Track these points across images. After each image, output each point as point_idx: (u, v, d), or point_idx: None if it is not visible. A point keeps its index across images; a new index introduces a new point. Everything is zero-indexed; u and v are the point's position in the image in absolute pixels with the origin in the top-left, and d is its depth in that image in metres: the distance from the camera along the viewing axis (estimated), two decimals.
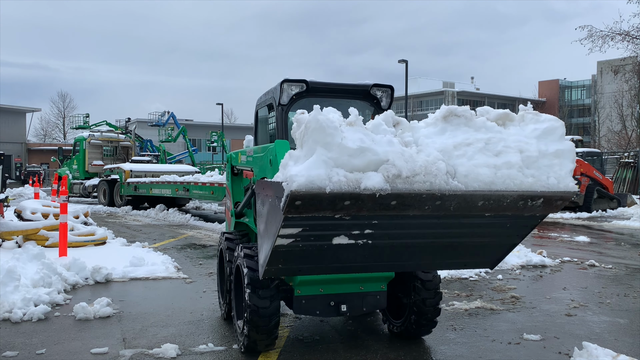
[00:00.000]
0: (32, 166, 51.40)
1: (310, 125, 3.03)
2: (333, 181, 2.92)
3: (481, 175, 3.24)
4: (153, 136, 39.05)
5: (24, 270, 6.64)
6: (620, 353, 4.35)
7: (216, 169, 23.54)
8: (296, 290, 4.34)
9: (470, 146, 3.35)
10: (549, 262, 8.88)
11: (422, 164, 3.14)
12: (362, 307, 4.49)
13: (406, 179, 3.06)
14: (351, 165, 3.01)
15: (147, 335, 5.06)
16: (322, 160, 2.94)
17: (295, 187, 2.85)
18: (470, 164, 3.27)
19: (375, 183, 3.00)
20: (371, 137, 3.17)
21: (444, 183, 3.14)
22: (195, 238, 12.24)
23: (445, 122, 3.50)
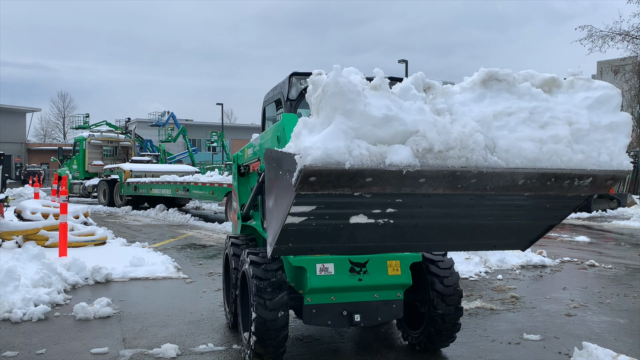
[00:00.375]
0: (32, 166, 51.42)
1: (328, 89, 2.64)
2: (354, 155, 2.56)
3: (524, 151, 2.85)
4: (153, 136, 39.06)
5: (24, 270, 6.64)
6: (620, 353, 4.35)
7: (216, 169, 23.57)
8: (306, 299, 4.06)
9: (512, 116, 2.95)
10: (549, 262, 8.89)
11: (457, 136, 2.74)
12: (377, 317, 4.19)
13: (438, 154, 2.68)
14: (375, 136, 2.64)
15: (147, 335, 5.06)
16: (342, 130, 2.58)
17: (310, 162, 2.50)
18: (512, 137, 2.88)
19: (402, 158, 2.63)
20: (399, 104, 2.78)
21: (482, 159, 2.76)
22: (195, 238, 12.24)
23: (484, 87, 3.10)
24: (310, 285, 3.96)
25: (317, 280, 3.98)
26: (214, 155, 44.35)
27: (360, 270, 4.07)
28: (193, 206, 21.13)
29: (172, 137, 36.24)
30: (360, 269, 4.07)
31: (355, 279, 4.04)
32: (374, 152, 2.61)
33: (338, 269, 4.02)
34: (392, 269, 4.16)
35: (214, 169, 24.62)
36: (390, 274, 4.15)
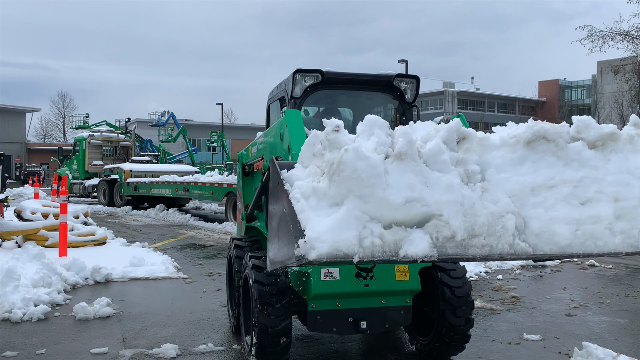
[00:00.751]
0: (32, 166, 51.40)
1: (343, 171, 2.35)
2: (364, 246, 2.29)
3: (557, 236, 2.50)
4: (153, 136, 39.05)
5: (24, 270, 6.64)
6: (620, 353, 4.35)
7: (216, 169, 23.56)
8: (310, 305, 3.88)
9: (553, 190, 2.58)
10: (549, 262, 8.88)
11: (484, 220, 2.41)
12: (384, 323, 4.02)
13: (460, 242, 2.38)
14: (391, 218, 2.37)
15: (147, 335, 5.06)
16: (355, 217, 2.31)
17: (315, 257, 2.26)
18: (547, 218, 2.52)
19: (419, 250, 2.31)
20: (425, 178, 2.44)
21: (508, 247, 2.44)
22: (195, 238, 12.24)
23: (528, 149, 2.70)
24: (314, 290, 3.80)
25: (321, 285, 3.81)
26: (214, 155, 44.33)
27: (367, 275, 3.89)
28: (193, 206, 21.13)
29: (172, 137, 36.23)
30: (367, 274, 3.90)
31: (362, 285, 3.87)
32: (387, 242, 2.32)
33: (343, 274, 3.86)
34: (400, 274, 3.99)
35: (214, 169, 24.61)
36: (398, 279, 3.97)
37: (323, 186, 2.47)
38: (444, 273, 4.23)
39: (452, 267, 4.25)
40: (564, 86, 75.11)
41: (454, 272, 4.24)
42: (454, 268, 4.25)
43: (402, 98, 4.51)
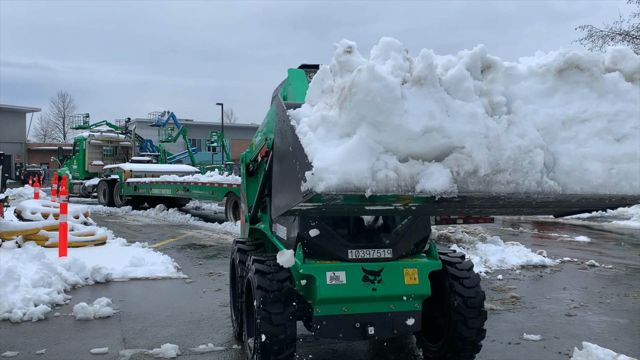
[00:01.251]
0: (32, 166, 51.40)
1: (356, 93, 2.12)
2: (378, 179, 2.10)
3: (589, 174, 2.29)
4: (153, 136, 39.06)
5: (24, 270, 6.64)
6: (620, 353, 4.35)
7: (216, 169, 23.56)
8: (315, 310, 3.73)
9: (585, 124, 2.36)
10: (549, 262, 8.88)
11: (510, 154, 2.21)
12: (392, 329, 3.83)
13: (483, 178, 2.18)
14: (408, 150, 2.16)
15: (147, 335, 5.06)
16: (367, 147, 2.11)
17: (323, 189, 2.09)
18: (578, 154, 2.31)
19: (438, 185, 2.12)
20: (445, 105, 2.23)
21: (535, 184, 2.24)
22: (195, 238, 12.24)
23: (558, 78, 2.45)
24: (320, 295, 3.64)
25: (327, 289, 3.65)
26: (214, 155, 44.33)
27: (375, 279, 3.74)
28: (193, 206, 21.13)
29: (172, 137, 36.25)
30: (375, 277, 3.74)
31: (369, 289, 3.71)
32: (403, 176, 2.13)
33: (350, 278, 3.70)
34: (410, 278, 3.81)
35: (214, 169, 24.61)
36: (407, 283, 3.79)
37: (333, 115, 2.28)
38: (457, 281, 4.02)
39: (465, 276, 4.04)
40: None
41: (468, 280, 4.03)
42: (468, 276, 4.04)
43: None
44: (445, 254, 4.19)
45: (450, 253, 4.27)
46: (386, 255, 3.80)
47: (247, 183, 5.75)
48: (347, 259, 3.74)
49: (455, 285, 3.99)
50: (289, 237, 4.06)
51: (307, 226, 3.73)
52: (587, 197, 2.36)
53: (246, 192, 5.74)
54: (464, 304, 3.94)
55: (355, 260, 3.75)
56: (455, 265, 4.09)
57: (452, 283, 4.01)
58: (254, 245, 4.84)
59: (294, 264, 3.73)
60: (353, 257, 3.75)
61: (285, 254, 3.74)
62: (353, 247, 3.78)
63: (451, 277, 4.03)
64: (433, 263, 3.91)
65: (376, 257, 3.79)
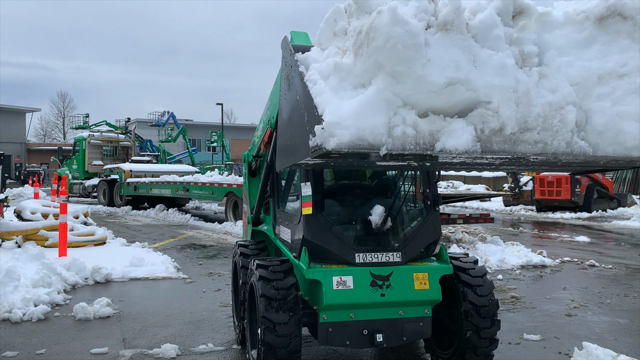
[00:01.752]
0: (32, 166, 51.37)
1: (374, 39, 1.89)
2: (394, 135, 1.91)
3: (623, 135, 2.09)
4: (153, 136, 39.05)
5: (24, 270, 6.64)
6: (620, 353, 4.35)
7: (216, 169, 23.57)
8: (321, 316, 3.56)
9: (624, 79, 2.14)
10: (549, 262, 8.88)
11: (540, 111, 2.02)
12: (401, 336, 3.68)
13: (509, 137, 1.98)
14: (429, 104, 1.96)
15: (147, 335, 5.06)
16: (384, 100, 1.92)
17: (334, 146, 1.90)
18: (613, 112, 2.11)
19: (459, 144, 1.92)
20: (473, 55, 2.01)
21: (565, 145, 2.04)
22: (195, 238, 12.23)
23: (598, 27, 2.21)
24: (326, 301, 3.48)
25: (334, 295, 3.49)
26: (214, 155, 44.34)
27: (383, 284, 3.58)
28: (193, 206, 21.12)
29: (172, 137, 36.24)
30: (383, 282, 3.58)
31: (378, 294, 3.56)
32: (422, 132, 1.93)
33: (358, 283, 3.54)
34: (420, 283, 3.64)
35: (214, 169, 24.62)
36: (417, 288, 3.63)
37: (347, 62, 2.06)
38: (469, 289, 3.82)
39: (478, 283, 3.85)
40: None
41: (481, 288, 3.83)
42: (481, 284, 3.85)
43: None
44: (457, 259, 4.01)
45: (463, 257, 4.07)
46: (395, 259, 3.65)
47: (249, 183, 5.59)
48: (354, 263, 3.59)
49: (467, 293, 3.80)
50: (293, 239, 3.92)
51: (313, 229, 3.58)
52: (619, 159, 2.19)
53: (248, 192, 5.59)
54: (476, 313, 3.75)
55: (363, 264, 3.59)
56: (467, 272, 3.89)
57: (464, 291, 3.82)
58: (257, 249, 4.64)
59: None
60: (361, 261, 3.59)
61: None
62: (361, 251, 3.62)
63: (463, 285, 3.84)
64: (444, 267, 3.75)
65: (385, 261, 3.63)
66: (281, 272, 3.59)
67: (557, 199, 18.26)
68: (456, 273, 3.86)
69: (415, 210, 4.06)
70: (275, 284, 3.51)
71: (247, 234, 5.44)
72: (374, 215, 3.69)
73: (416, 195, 4.06)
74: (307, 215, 3.55)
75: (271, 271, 3.60)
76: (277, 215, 4.37)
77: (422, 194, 3.95)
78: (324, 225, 3.60)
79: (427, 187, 3.91)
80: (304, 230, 3.59)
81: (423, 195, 3.93)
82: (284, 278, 3.55)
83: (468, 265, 3.95)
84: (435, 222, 3.84)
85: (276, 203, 4.38)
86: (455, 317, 3.93)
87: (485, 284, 3.86)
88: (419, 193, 4.01)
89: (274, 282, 3.52)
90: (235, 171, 26.65)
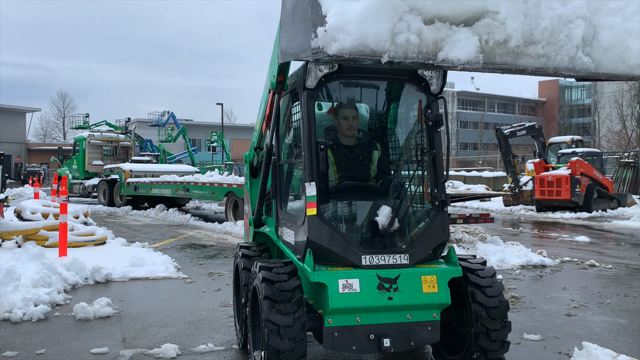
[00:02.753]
0: (32, 166, 51.39)
1: None
2: (398, 43, 1.89)
3: (629, 52, 2.05)
4: (153, 136, 39.04)
5: (24, 270, 6.64)
6: (620, 353, 4.35)
7: (216, 169, 23.57)
8: (326, 320, 3.47)
9: None
10: (549, 262, 8.88)
11: (548, 25, 1.97)
12: (409, 341, 3.58)
13: (513, 50, 1.97)
14: (436, 11, 1.92)
15: (147, 335, 5.06)
16: (390, 4, 1.87)
17: (336, 51, 1.91)
18: (622, 29, 2.06)
19: (462, 54, 1.93)
20: None
21: (567, 60, 2.03)
22: (195, 238, 12.24)
23: None
24: (332, 305, 3.38)
25: (340, 299, 3.39)
26: (214, 155, 44.36)
27: (391, 287, 3.48)
28: (193, 206, 21.12)
29: (172, 137, 36.25)
30: (391, 285, 3.48)
31: (385, 298, 3.46)
32: (426, 41, 1.91)
33: (364, 286, 3.45)
34: (428, 286, 3.56)
35: (214, 169, 24.62)
36: (425, 291, 3.54)
37: None
38: (478, 290, 3.74)
39: (488, 284, 3.76)
40: (563, 86, 75.05)
41: (490, 289, 3.74)
42: (491, 285, 3.76)
43: (426, 89, 3.82)
44: (466, 260, 3.96)
45: (471, 259, 4.02)
46: (402, 261, 3.56)
47: (250, 184, 5.46)
48: (360, 265, 3.49)
49: (476, 295, 3.72)
50: (296, 241, 3.79)
51: (318, 230, 3.48)
52: (620, 76, 2.16)
53: (250, 193, 5.47)
54: (486, 315, 3.67)
55: (370, 266, 3.50)
56: (476, 273, 3.81)
57: (473, 292, 3.74)
58: (260, 251, 4.55)
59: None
60: (367, 264, 3.50)
61: None
62: (367, 253, 3.52)
63: (472, 286, 3.76)
64: (453, 270, 3.66)
65: (392, 264, 3.54)
66: (285, 274, 3.51)
67: (557, 199, 18.26)
68: (464, 274, 3.77)
69: (422, 210, 3.96)
70: (279, 285, 3.42)
71: (248, 236, 5.37)
72: (381, 216, 3.61)
73: (424, 196, 3.95)
74: (312, 216, 3.47)
75: (275, 273, 3.51)
76: (280, 216, 4.28)
77: (429, 194, 3.84)
78: (329, 226, 3.51)
79: (434, 187, 3.79)
80: (309, 232, 3.48)
81: (431, 196, 3.82)
82: (287, 280, 3.47)
83: (477, 266, 3.88)
84: (443, 223, 3.73)
85: (278, 204, 4.29)
86: (463, 320, 3.83)
87: (494, 284, 3.78)
88: (427, 193, 3.89)
89: (277, 284, 3.42)
90: (235, 171, 26.63)
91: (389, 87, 4.12)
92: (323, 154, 3.47)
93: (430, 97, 3.76)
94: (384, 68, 3.60)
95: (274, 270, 3.53)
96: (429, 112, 3.75)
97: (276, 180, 4.27)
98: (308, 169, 3.51)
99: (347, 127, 3.98)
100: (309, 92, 3.60)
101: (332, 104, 4.14)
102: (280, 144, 4.35)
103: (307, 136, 3.56)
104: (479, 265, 3.90)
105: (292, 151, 4.18)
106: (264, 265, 3.61)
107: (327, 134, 4.08)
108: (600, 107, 55.12)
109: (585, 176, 18.23)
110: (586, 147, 25.55)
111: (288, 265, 3.62)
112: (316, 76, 3.58)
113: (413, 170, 3.93)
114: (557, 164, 20.24)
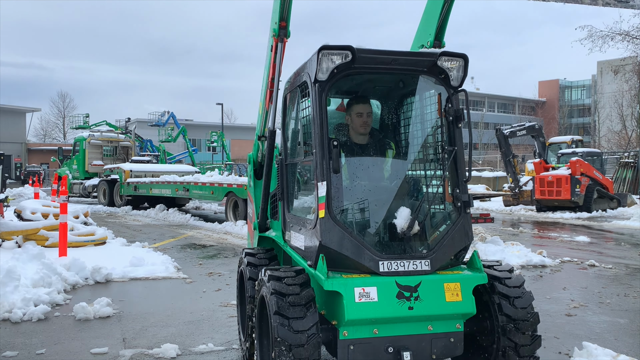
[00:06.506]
0: (32, 166, 51.37)
1: None
2: None
3: None
4: (153, 136, 39.06)
5: (24, 270, 6.64)
6: (620, 353, 4.35)
7: (216, 169, 23.57)
8: (341, 332, 3.19)
9: None
10: (549, 262, 8.88)
11: None
12: (430, 354, 3.31)
13: None
14: None
15: (147, 335, 5.06)
16: None
17: None
18: None
19: None
20: None
21: None
22: (195, 238, 12.24)
23: None
24: (348, 315, 3.10)
25: (356, 309, 3.12)
26: (214, 155, 44.35)
27: (411, 295, 3.21)
28: (193, 206, 21.12)
29: (172, 137, 36.25)
30: (411, 294, 3.21)
31: (405, 307, 3.18)
32: None
33: (382, 295, 3.17)
34: (451, 294, 3.28)
35: (214, 169, 24.61)
36: (448, 300, 3.26)
37: None
38: (506, 301, 3.44)
39: (517, 295, 3.48)
40: (564, 86, 75.14)
41: (520, 300, 3.45)
42: (520, 295, 3.48)
43: (446, 81, 3.56)
44: (491, 267, 3.66)
45: (496, 265, 3.71)
46: (423, 267, 3.28)
47: (254, 186, 5.15)
48: (378, 272, 3.21)
49: (504, 306, 3.42)
50: (307, 246, 3.51)
51: (331, 234, 3.21)
52: None
53: (254, 195, 5.15)
54: (515, 328, 3.38)
55: (388, 273, 3.22)
56: (503, 281, 3.51)
57: (500, 303, 3.43)
58: (266, 258, 4.23)
59: None
60: (385, 270, 3.22)
61: None
62: (385, 258, 3.24)
63: (500, 296, 3.45)
64: (477, 276, 3.38)
65: (412, 270, 3.26)
66: (297, 285, 3.20)
67: (557, 199, 18.25)
68: (491, 283, 3.49)
69: (443, 212, 3.65)
70: (291, 299, 3.11)
71: (252, 241, 5.07)
72: (400, 219, 3.37)
73: (445, 197, 3.64)
74: (324, 218, 3.21)
75: (286, 284, 3.19)
76: (287, 219, 3.99)
77: (451, 195, 3.57)
78: (343, 229, 3.23)
79: (456, 187, 3.51)
80: (321, 236, 3.20)
81: (452, 196, 3.53)
82: (300, 292, 3.16)
83: (504, 274, 3.58)
84: (466, 226, 3.46)
85: (286, 206, 4.00)
86: (487, 331, 3.54)
87: (524, 295, 3.50)
88: (448, 194, 3.60)
89: (289, 297, 3.12)
90: (235, 171, 26.63)
91: (405, 79, 3.84)
92: (336, 151, 3.24)
93: (450, 90, 3.54)
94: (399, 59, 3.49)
95: (285, 281, 3.22)
96: (449, 106, 3.54)
97: (283, 180, 4.02)
98: (319, 167, 3.26)
99: (361, 124, 3.76)
100: (321, 84, 3.38)
101: (341, 100, 3.93)
102: (287, 142, 4.11)
103: (319, 132, 3.30)
104: (506, 272, 3.61)
105: (301, 149, 3.85)
106: (273, 274, 3.30)
107: (337, 132, 3.84)
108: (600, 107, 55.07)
109: (585, 176, 18.23)
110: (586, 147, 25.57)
111: (300, 275, 3.32)
112: (328, 67, 3.37)
113: (432, 170, 3.69)
114: (557, 164, 20.23)
